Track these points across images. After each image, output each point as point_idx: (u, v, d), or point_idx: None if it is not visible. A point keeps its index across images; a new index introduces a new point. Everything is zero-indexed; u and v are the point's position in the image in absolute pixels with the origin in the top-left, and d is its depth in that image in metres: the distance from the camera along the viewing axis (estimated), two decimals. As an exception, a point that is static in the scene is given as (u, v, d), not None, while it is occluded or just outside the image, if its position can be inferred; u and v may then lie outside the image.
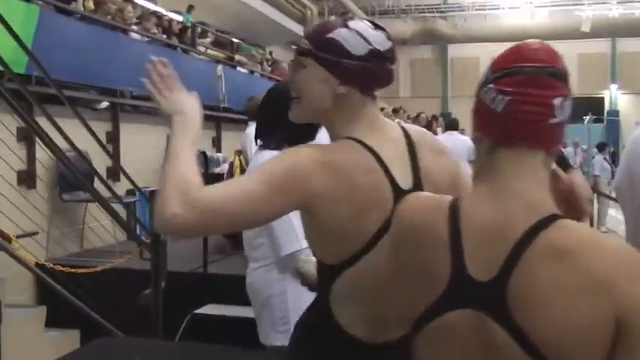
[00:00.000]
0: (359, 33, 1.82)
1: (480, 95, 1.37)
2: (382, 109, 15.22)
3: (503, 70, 1.33)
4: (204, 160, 8.92)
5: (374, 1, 27.18)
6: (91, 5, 9.14)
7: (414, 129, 1.98)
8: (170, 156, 1.66)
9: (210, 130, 10.83)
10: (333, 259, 1.81)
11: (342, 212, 1.74)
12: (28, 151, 6.45)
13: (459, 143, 10.50)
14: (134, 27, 9.72)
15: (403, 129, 1.94)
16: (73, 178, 5.90)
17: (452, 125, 11.23)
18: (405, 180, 1.82)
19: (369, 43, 1.82)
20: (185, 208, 1.56)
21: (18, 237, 5.46)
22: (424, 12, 27.20)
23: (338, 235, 1.77)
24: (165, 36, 11.07)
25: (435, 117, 17.64)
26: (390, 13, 27.37)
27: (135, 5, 11.45)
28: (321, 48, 1.83)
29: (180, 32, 12.24)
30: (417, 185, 1.83)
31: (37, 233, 5.85)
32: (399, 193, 1.77)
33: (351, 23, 1.85)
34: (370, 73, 1.83)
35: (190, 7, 14.48)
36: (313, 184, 1.70)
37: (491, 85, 1.34)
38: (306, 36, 1.91)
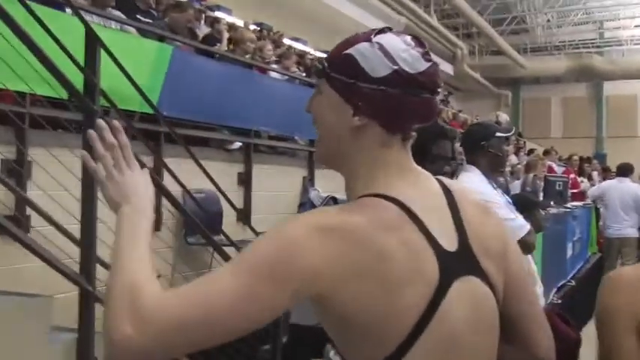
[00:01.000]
0: (382, 48, 1.35)
1: None
2: (532, 151, 14.48)
3: None
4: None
5: (526, 37, 26.51)
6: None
7: (454, 183, 1.49)
8: (117, 258, 1.26)
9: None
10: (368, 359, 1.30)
11: (366, 291, 1.24)
12: (155, 192, 6.29)
13: (626, 190, 9.52)
14: (273, 65, 9.60)
15: (440, 182, 1.45)
16: (201, 221, 5.69)
17: (624, 170, 9.81)
18: (448, 240, 1.35)
19: (394, 62, 1.34)
20: (137, 327, 1.14)
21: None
22: (579, 47, 26.09)
23: (367, 326, 1.26)
24: (304, 74, 10.90)
25: (588, 159, 16.52)
26: (542, 49, 26.68)
27: (279, 44, 11.47)
28: (335, 67, 1.39)
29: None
30: (464, 246, 1.37)
31: (159, 276, 5.66)
32: (443, 256, 1.32)
33: (377, 36, 1.37)
34: (394, 101, 1.35)
35: None
36: (315, 261, 1.22)
37: None
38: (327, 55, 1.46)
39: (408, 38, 1.39)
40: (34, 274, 4.23)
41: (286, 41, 12.55)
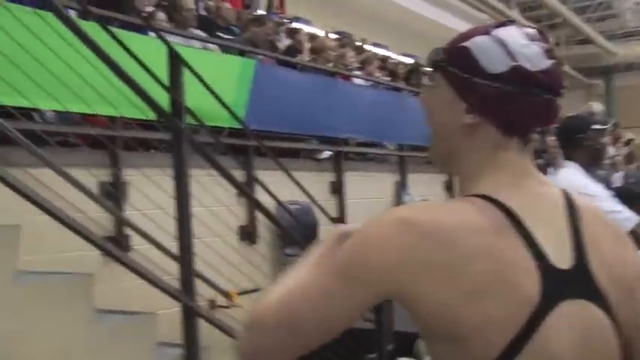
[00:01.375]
0: (502, 43, 1.23)
1: None
2: (630, 141, 13.93)
3: None
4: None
5: (614, 23, 25.66)
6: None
7: (583, 200, 1.32)
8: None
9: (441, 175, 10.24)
10: None
11: (443, 294, 1.12)
12: (249, 205, 6.34)
13: None
14: (356, 72, 9.56)
15: (565, 194, 1.29)
16: (297, 232, 5.68)
17: None
18: (560, 256, 1.18)
19: (514, 58, 1.21)
20: (243, 334, 1.23)
21: (240, 294, 5.37)
22: (674, 29, 25.09)
23: (450, 336, 1.13)
24: (389, 79, 10.81)
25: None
26: (633, 34, 25.73)
27: (361, 51, 11.43)
28: (452, 60, 1.27)
29: (408, 75, 11.97)
30: (580, 267, 1.19)
31: (259, 290, 5.69)
32: (549, 272, 1.15)
33: (497, 30, 1.25)
34: (511, 101, 1.22)
35: None
36: (388, 256, 1.14)
37: None
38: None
39: (532, 32, 1.26)
40: (138, 292, 4.30)
41: (367, 47, 12.51)
